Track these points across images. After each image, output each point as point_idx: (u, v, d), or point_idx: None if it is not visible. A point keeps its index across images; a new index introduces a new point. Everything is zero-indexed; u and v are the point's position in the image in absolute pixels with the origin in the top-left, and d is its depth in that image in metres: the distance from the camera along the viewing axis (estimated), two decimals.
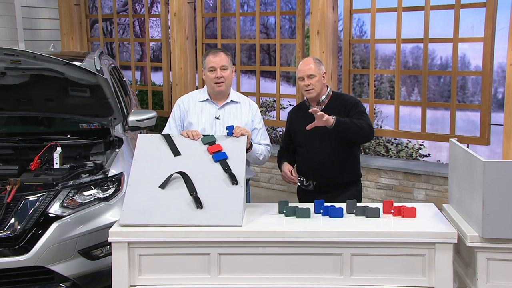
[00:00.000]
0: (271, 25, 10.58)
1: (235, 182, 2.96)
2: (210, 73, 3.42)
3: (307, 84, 3.49)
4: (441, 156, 8.74)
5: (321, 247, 2.78)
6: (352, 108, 3.50)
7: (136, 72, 9.21)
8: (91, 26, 9.27)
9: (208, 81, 3.46)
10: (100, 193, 3.67)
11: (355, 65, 9.19)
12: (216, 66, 3.40)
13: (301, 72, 3.52)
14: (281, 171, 3.61)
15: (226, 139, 3.21)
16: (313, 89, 3.50)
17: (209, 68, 3.42)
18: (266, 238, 2.78)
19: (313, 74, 3.49)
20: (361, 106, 3.56)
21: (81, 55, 5.15)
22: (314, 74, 3.49)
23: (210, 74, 3.42)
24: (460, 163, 2.95)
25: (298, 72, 3.55)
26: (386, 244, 2.76)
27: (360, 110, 3.51)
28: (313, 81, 3.49)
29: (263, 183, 6.98)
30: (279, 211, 3.05)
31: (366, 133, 3.41)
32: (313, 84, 3.49)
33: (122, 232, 2.79)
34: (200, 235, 2.77)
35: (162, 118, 7.70)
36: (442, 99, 9.17)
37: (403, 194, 5.91)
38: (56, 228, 3.43)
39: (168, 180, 2.96)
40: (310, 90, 3.50)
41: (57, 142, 4.03)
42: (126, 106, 4.83)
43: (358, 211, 3.01)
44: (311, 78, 3.49)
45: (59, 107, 4.40)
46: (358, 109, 3.50)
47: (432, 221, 2.93)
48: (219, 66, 3.40)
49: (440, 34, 6.10)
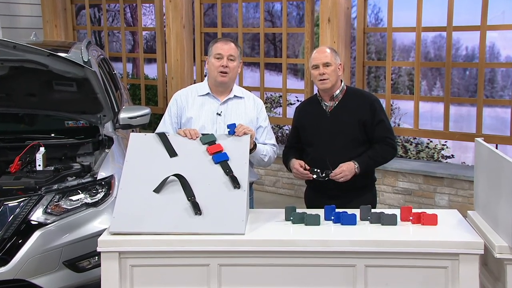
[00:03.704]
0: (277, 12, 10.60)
1: (237, 185, 2.98)
2: (216, 61, 3.43)
3: (322, 73, 3.47)
4: (466, 158, 8.74)
5: (332, 258, 2.79)
6: (374, 115, 3.51)
7: (128, 64, 9.23)
8: (77, 13, 9.29)
9: (211, 70, 3.47)
10: (88, 198, 3.69)
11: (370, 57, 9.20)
12: (223, 54, 3.42)
13: (316, 60, 3.51)
14: (292, 168, 3.57)
15: (227, 138, 3.22)
16: (328, 79, 3.48)
17: (215, 55, 3.44)
18: (271, 247, 2.80)
19: (329, 63, 3.48)
20: (381, 108, 3.61)
21: (67, 45, 5.18)
22: (330, 63, 3.48)
23: (215, 61, 3.44)
24: (487, 165, 2.95)
25: (313, 59, 3.53)
26: (404, 254, 2.77)
27: (382, 121, 3.54)
28: (328, 70, 3.48)
29: (268, 187, 7.00)
30: (286, 218, 3.07)
31: (389, 160, 3.64)
32: (328, 73, 3.47)
33: (112, 241, 2.80)
34: (198, 244, 2.79)
35: (157, 115, 7.72)
36: (467, 94, 9.18)
37: (423, 199, 5.92)
38: (39, 237, 3.45)
39: (163, 183, 2.97)
40: (325, 80, 3.48)
41: (40, 142, 4.05)
42: (116, 102, 4.86)
43: (373, 218, 3.02)
44: (327, 66, 3.48)
45: (42, 103, 4.42)
46: (379, 117, 3.53)
47: (456, 230, 2.94)
48: (227, 54, 3.42)
49: (466, 21, 6.09)
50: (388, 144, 3.56)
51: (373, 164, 3.58)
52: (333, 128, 3.48)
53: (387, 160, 3.63)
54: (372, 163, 3.54)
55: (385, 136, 3.55)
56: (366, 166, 3.49)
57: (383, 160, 3.60)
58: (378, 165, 3.67)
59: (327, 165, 3.45)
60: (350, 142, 3.50)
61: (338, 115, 3.54)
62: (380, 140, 3.54)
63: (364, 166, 3.47)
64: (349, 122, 3.51)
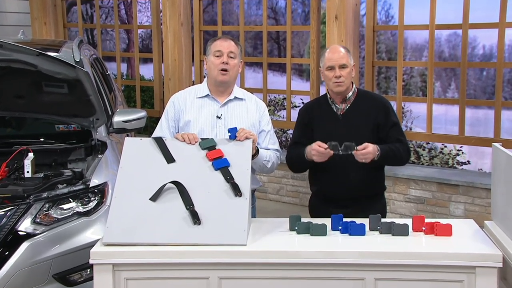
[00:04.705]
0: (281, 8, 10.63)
1: (239, 193, 2.99)
2: (215, 58, 3.45)
3: (338, 76, 3.48)
4: (483, 164, 8.73)
5: (339, 271, 2.79)
6: (387, 117, 3.54)
7: (122, 65, 9.27)
8: (67, 9, 9.33)
9: (211, 69, 3.49)
10: (79, 207, 3.70)
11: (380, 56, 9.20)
12: (223, 51, 3.44)
13: (332, 61, 3.50)
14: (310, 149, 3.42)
15: (228, 143, 3.24)
16: (344, 82, 3.50)
17: (214, 53, 3.46)
18: (274, 259, 2.80)
19: (346, 64, 3.50)
20: (393, 111, 3.64)
21: (57, 44, 5.20)
22: (347, 65, 3.50)
23: (215, 59, 3.45)
24: (505, 172, 2.95)
25: (328, 60, 3.52)
26: (416, 267, 2.77)
27: (396, 124, 3.57)
28: (344, 73, 3.49)
29: (271, 194, 7.00)
30: (290, 228, 3.07)
31: (403, 162, 3.63)
32: (344, 76, 3.48)
33: (105, 253, 2.81)
34: (197, 256, 2.79)
35: (153, 118, 7.74)
36: (484, 95, 9.18)
37: (437, 208, 5.92)
38: (27, 248, 3.45)
39: (160, 191, 2.98)
40: (341, 82, 3.49)
41: (28, 147, 4.05)
42: (110, 105, 4.87)
43: (383, 228, 3.03)
44: (343, 68, 3.49)
45: (31, 105, 4.43)
46: (392, 120, 3.56)
47: (472, 241, 2.94)
48: (227, 51, 3.44)
49: (483, 18, 6.10)
50: (405, 145, 3.57)
51: (392, 157, 3.51)
52: (345, 131, 3.49)
53: (402, 159, 3.59)
54: (392, 155, 3.49)
55: (400, 139, 3.56)
56: (385, 155, 3.44)
57: (399, 157, 3.54)
58: (394, 163, 3.62)
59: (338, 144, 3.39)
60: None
61: (351, 118, 3.55)
62: (395, 141, 3.55)
63: (384, 154, 3.43)
64: (362, 125, 3.53)
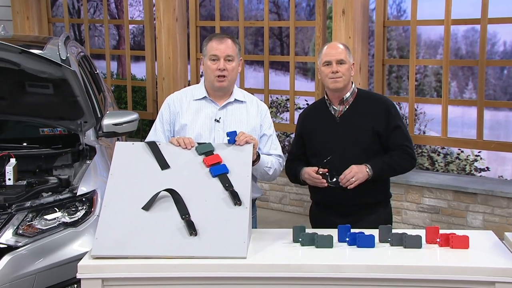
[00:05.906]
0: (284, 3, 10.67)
1: (238, 202, 2.99)
2: (211, 63, 3.46)
3: (335, 71, 3.52)
4: (504, 171, 8.75)
5: (346, 285, 2.80)
6: (389, 120, 3.56)
7: (112, 63, 9.29)
8: (52, 3, 9.35)
9: (207, 73, 3.50)
10: (66, 217, 3.71)
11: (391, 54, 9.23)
12: (219, 55, 3.45)
13: (329, 56, 3.55)
14: (304, 174, 3.57)
15: (226, 148, 3.25)
16: (341, 78, 3.53)
17: (210, 56, 3.47)
18: (277, 273, 2.81)
19: (344, 60, 3.54)
20: (397, 113, 3.66)
21: (41, 41, 5.21)
22: (345, 61, 3.54)
23: (211, 64, 3.46)
24: None
25: (325, 55, 3.57)
26: (430, 282, 2.77)
27: (398, 127, 3.58)
28: (342, 69, 3.53)
29: (273, 203, 7.01)
30: (294, 239, 3.08)
31: (406, 170, 3.68)
32: (342, 72, 3.53)
33: (94, 266, 2.81)
34: (194, 270, 2.80)
35: (145, 121, 7.77)
36: (505, 96, 9.19)
37: (453, 219, 5.92)
38: (9, 262, 3.46)
39: (153, 200, 2.99)
40: (338, 78, 3.53)
41: (10, 152, 4.05)
42: (99, 106, 4.88)
43: (394, 239, 3.03)
44: (341, 64, 3.54)
45: (13, 107, 4.44)
46: (394, 123, 3.58)
47: (491, 254, 2.95)
48: (224, 55, 3.45)
49: (504, 12, 6.10)
50: (405, 152, 3.59)
51: (388, 171, 3.58)
52: (343, 134, 3.51)
53: (404, 169, 3.65)
54: (387, 168, 3.55)
55: (402, 144, 3.58)
56: (380, 170, 3.50)
57: (399, 168, 3.62)
58: (394, 174, 3.68)
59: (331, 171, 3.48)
60: (362, 151, 3.54)
61: (348, 121, 3.58)
62: (396, 148, 3.57)
63: (378, 169, 3.49)
64: (361, 128, 3.56)
